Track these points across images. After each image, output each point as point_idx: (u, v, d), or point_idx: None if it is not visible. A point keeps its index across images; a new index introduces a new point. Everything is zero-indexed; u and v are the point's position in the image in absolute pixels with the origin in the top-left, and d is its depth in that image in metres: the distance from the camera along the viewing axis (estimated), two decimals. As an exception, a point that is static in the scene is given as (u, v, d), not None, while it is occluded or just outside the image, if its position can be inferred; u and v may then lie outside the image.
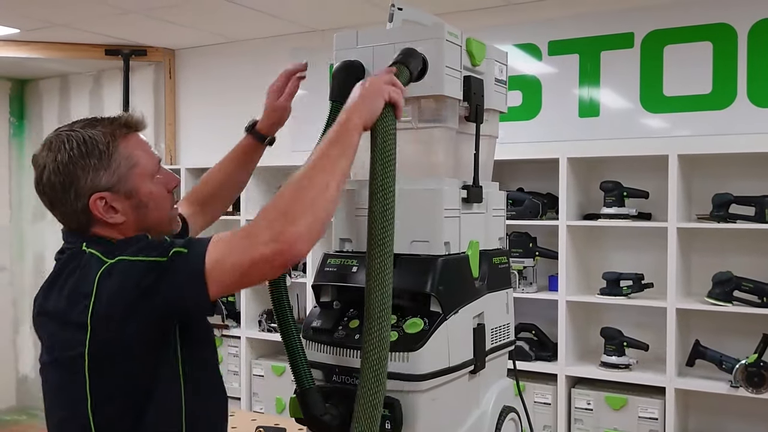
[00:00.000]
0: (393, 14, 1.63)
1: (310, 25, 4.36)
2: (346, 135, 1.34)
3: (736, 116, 3.46)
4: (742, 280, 3.26)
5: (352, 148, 1.35)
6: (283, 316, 1.58)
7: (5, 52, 4.88)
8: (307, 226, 1.26)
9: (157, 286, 1.28)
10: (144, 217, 1.45)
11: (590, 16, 3.76)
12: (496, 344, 1.68)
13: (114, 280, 1.31)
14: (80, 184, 1.39)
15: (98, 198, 1.40)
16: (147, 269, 1.30)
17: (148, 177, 1.45)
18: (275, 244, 1.24)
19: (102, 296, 1.30)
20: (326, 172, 1.30)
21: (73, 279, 1.36)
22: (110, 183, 1.40)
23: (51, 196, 1.42)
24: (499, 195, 1.79)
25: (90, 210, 1.40)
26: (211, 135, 4.86)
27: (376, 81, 1.39)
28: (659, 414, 3.37)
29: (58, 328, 1.37)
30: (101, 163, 1.40)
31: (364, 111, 1.35)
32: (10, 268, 5.95)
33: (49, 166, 1.40)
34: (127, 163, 1.42)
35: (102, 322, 1.30)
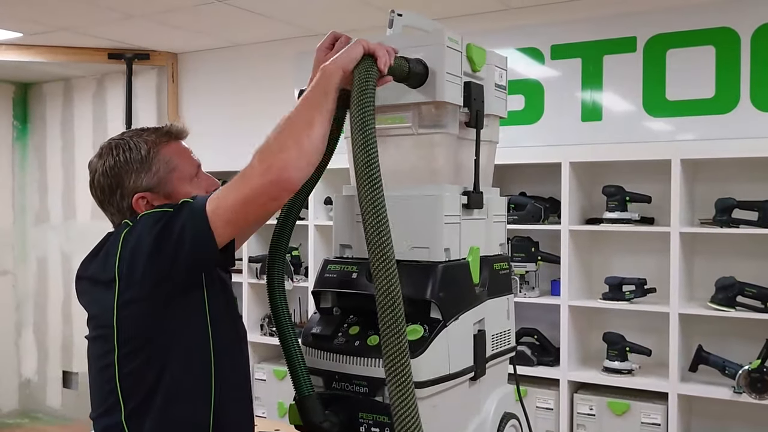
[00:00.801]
0: (393, 20, 1.63)
1: (313, 29, 4.36)
2: (324, 78, 1.41)
3: (739, 120, 3.45)
4: (745, 285, 3.25)
5: (333, 89, 1.40)
6: (282, 323, 1.58)
7: (9, 56, 4.90)
8: (295, 154, 1.36)
9: (168, 228, 1.42)
10: None
11: (593, 20, 3.76)
12: (497, 350, 1.67)
13: (134, 233, 1.46)
14: (125, 185, 1.56)
15: (140, 197, 1.55)
16: (160, 216, 1.45)
17: (186, 180, 1.60)
18: (267, 174, 1.36)
19: (126, 249, 1.45)
20: (310, 109, 1.40)
21: (108, 245, 1.52)
22: (151, 184, 1.56)
23: (101, 196, 1.59)
24: (499, 201, 1.79)
25: (133, 208, 1.55)
26: (213, 139, 4.86)
27: (357, 40, 1.44)
28: (662, 420, 3.36)
29: (93, 288, 1.53)
30: (143, 167, 1.56)
31: (341, 57, 1.40)
32: (13, 272, 5.96)
33: (99, 170, 1.58)
34: (167, 167, 1.58)
35: (127, 273, 1.44)
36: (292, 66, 4.57)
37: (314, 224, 4.17)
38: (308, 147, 1.38)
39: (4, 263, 5.90)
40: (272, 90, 4.64)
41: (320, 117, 1.40)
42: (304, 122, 1.39)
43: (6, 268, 5.92)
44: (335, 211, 1.67)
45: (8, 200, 5.92)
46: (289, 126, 1.40)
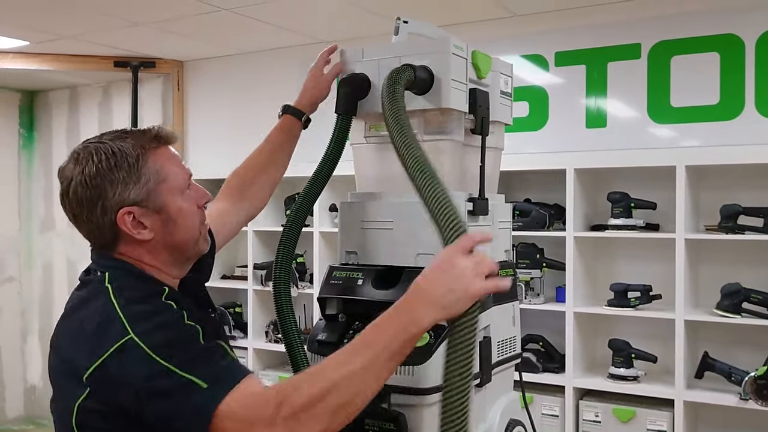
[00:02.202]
0: (398, 27, 1.64)
1: (318, 36, 4.38)
2: (407, 343, 1.17)
3: (744, 127, 3.44)
4: (751, 291, 3.25)
5: (405, 351, 1.18)
6: (288, 330, 1.58)
7: (15, 64, 4.92)
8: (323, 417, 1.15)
9: (161, 398, 1.17)
10: (172, 233, 1.37)
11: (597, 27, 3.76)
12: (503, 357, 1.67)
13: (122, 363, 1.20)
14: (108, 197, 1.32)
15: (126, 213, 1.33)
16: (160, 374, 1.17)
17: (178, 192, 1.38)
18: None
19: (106, 369, 1.21)
20: (364, 383, 1.17)
21: (89, 325, 1.27)
22: (139, 197, 1.33)
23: (77, 210, 1.35)
24: (505, 207, 1.79)
25: (117, 225, 1.33)
26: (219, 146, 4.88)
27: (460, 266, 1.17)
28: (668, 426, 3.35)
29: (61, 369, 1.32)
30: (130, 176, 1.33)
31: (438, 311, 1.16)
32: (19, 278, 5.97)
33: (76, 178, 1.33)
34: (157, 177, 1.35)
35: (98, 389, 1.22)
36: (297, 73, 4.57)
37: (319, 231, 4.17)
38: (340, 423, 1.17)
39: (9, 270, 5.92)
40: (277, 97, 4.57)
41: (375, 390, 1.18)
42: (352, 396, 1.16)
43: (12, 275, 5.93)
44: (340, 217, 1.67)
45: (14, 207, 5.94)
46: (334, 394, 1.14)
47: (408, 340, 1.16)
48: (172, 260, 1.40)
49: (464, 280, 1.16)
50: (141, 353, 1.18)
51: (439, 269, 1.18)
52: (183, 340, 1.22)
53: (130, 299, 1.27)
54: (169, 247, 1.38)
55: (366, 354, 1.15)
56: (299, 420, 1.13)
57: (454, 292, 1.16)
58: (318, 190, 1.64)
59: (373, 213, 1.60)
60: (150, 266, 1.38)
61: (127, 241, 1.36)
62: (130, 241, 1.36)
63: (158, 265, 1.38)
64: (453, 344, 1.16)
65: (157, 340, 1.20)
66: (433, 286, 1.17)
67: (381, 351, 1.15)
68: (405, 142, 1.31)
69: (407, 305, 1.18)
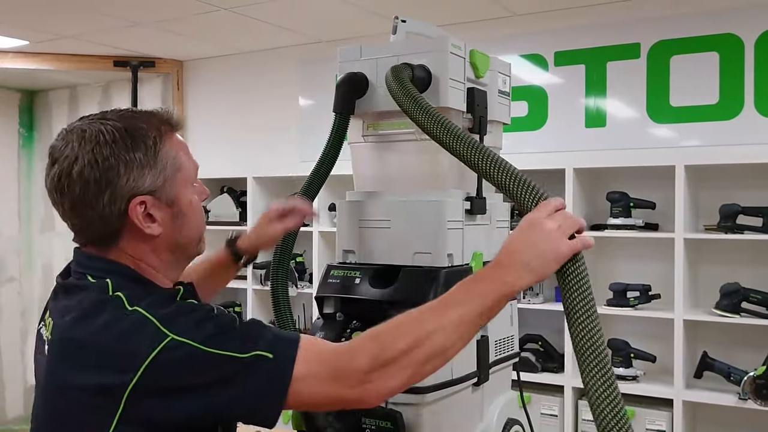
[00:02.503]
0: (396, 26, 1.64)
1: (317, 36, 4.38)
2: (499, 302, 1.16)
3: (743, 126, 3.44)
4: (750, 291, 3.25)
5: (495, 311, 1.17)
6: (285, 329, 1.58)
7: (15, 64, 4.92)
8: (403, 383, 1.13)
9: (229, 385, 1.08)
10: (180, 230, 1.24)
11: (596, 27, 3.76)
12: (500, 356, 1.67)
13: (167, 366, 1.07)
14: (120, 183, 1.16)
15: (139, 202, 1.18)
16: (220, 363, 1.08)
17: (189, 184, 1.25)
18: (362, 391, 1.11)
19: (152, 375, 1.07)
20: (457, 335, 1.14)
21: (110, 339, 1.10)
22: (154, 186, 1.19)
23: (80, 195, 1.16)
24: (502, 206, 1.79)
25: (127, 216, 1.18)
26: (219, 146, 4.88)
27: (546, 228, 1.15)
28: (667, 426, 3.35)
29: (78, 396, 1.12)
30: (147, 159, 1.18)
31: (529, 273, 1.14)
32: (19, 279, 5.97)
33: (83, 158, 1.15)
34: (174, 164, 1.21)
35: (143, 400, 1.08)
36: (297, 73, 4.58)
37: (318, 231, 4.17)
38: (424, 374, 1.15)
39: (9, 270, 5.92)
40: (277, 97, 4.66)
41: (462, 344, 1.17)
42: (441, 349, 1.13)
43: (12, 275, 5.94)
44: (339, 216, 1.67)
45: (14, 208, 5.94)
46: (421, 347, 1.12)
47: (500, 300, 1.15)
48: (174, 261, 1.27)
49: (552, 242, 1.14)
50: (190, 350, 1.07)
51: (527, 233, 1.16)
52: (224, 327, 1.12)
53: (151, 302, 1.13)
54: (173, 246, 1.25)
55: (459, 309, 1.14)
56: (391, 368, 1.10)
57: (544, 254, 1.14)
58: (316, 189, 1.64)
59: (371, 212, 1.61)
60: (150, 267, 1.24)
61: (132, 236, 1.21)
62: (135, 236, 1.21)
63: (159, 265, 1.24)
64: (569, 293, 1.14)
65: (201, 333, 1.09)
66: (522, 250, 1.15)
67: (475, 307, 1.14)
68: (443, 126, 1.27)
69: (499, 268, 1.16)
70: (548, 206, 1.17)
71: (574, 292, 1.13)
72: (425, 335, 1.12)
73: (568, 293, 1.13)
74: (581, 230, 1.18)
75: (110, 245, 1.22)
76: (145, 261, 1.23)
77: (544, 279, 1.16)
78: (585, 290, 1.13)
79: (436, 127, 1.28)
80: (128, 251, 1.22)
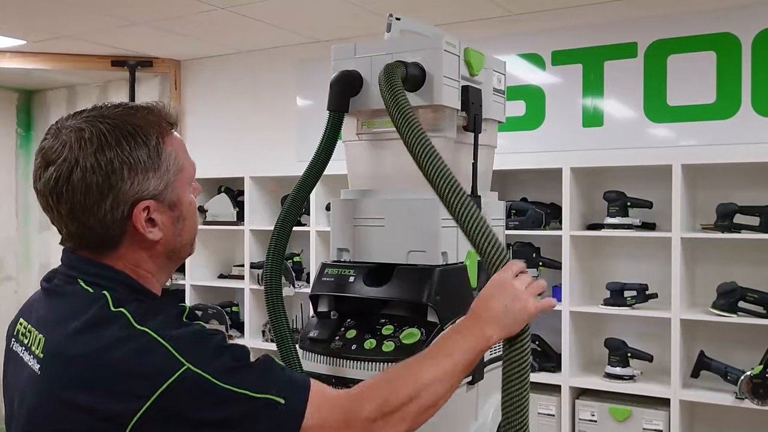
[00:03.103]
0: (391, 24, 1.64)
1: (315, 36, 4.38)
2: (477, 356, 1.25)
3: (741, 126, 3.44)
4: (747, 290, 3.24)
5: (475, 362, 1.26)
6: (279, 328, 1.58)
7: (13, 63, 4.92)
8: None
9: (239, 425, 1.05)
10: (180, 234, 1.19)
11: (594, 26, 3.76)
12: (495, 355, 1.67)
13: (182, 398, 1.03)
14: (124, 188, 1.10)
15: (143, 207, 1.12)
16: (234, 401, 1.05)
17: (188, 185, 1.20)
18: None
19: (164, 404, 1.02)
20: (449, 386, 1.21)
21: (117, 361, 1.03)
22: (157, 189, 1.13)
23: (80, 201, 1.10)
24: (498, 205, 1.79)
25: (130, 222, 1.12)
26: (216, 145, 4.88)
27: (516, 288, 1.26)
28: (664, 426, 3.35)
29: (75, 418, 1.05)
30: (151, 162, 1.12)
31: (501, 329, 1.25)
32: (17, 278, 5.97)
33: (84, 161, 1.08)
34: (176, 166, 1.16)
35: (149, 427, 1.02)
36: (295, 73, 4.58)
37: (316, 230, 4.17)
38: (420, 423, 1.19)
39: (7, 269, 5.91)
40: (275, 97, 4.66)
41: (451, 393, 1.22)
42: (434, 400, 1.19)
43: (9, 274, 5.93)
44: (333, 214, 1.67)
45: (12, 207, 5.93)
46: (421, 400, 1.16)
47: (479, 353, 1.24)
48: (168, 265, 1.22)
49: (522, 302, 1.25)
50: (205, 384, 1.03)
51: (500, 292, 1.26)
52: (240, 361, 1.09)
53: (162, 323, 1.08)
54: (170, 251, 1.19)
55: (448, 361, 1.20)
56: (393, 418, 1.13)
57: (516, 312, 1.25)
58: (310, 186, 1.64)
59: (365, 210, 1.60)
60: (147, 273, 1.18)
61: (131, 242, 1.15)
62: (134, 241, 1.15)
63: (155, 271, 1.19)
64: (511, 360, 1.27)
65: (216, 366, 1.05)
66: (498, 307, 1.24)
67: (460, 358, 1.21)
68: (427, 155, 1.31)
69: (480, 321, 1.24)
70: (514, 268, 1.28)
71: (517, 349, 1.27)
72: (423, 386, 1.17)
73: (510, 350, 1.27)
74: (543, 292, 1.31)
75: (107, 251, 1.15)
76: (142, 267, 1.17)
77: (511, 336, 1.27)
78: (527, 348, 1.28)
79: (420, 152, 1.31)
80: (126, 257, 1.16)
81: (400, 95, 1.37)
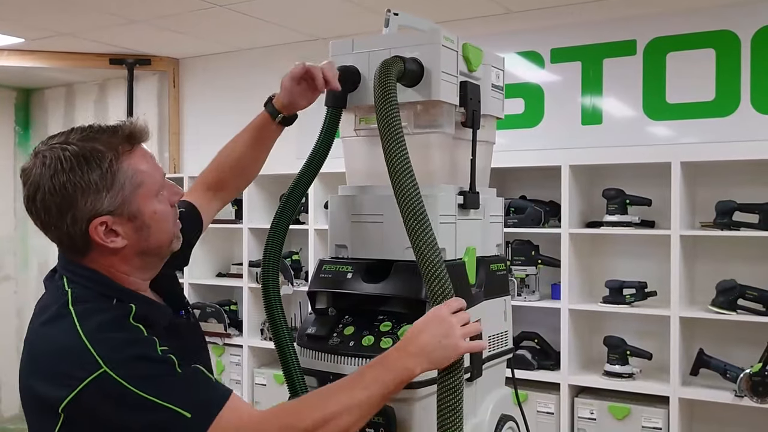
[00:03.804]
0: (389, 19, 1.63)
1: (313, 33, 4.37)
2: (398, 387, 1.27)
3: (740, 123, 3.44)
4: (747, 288, 3.24)
5: (394, 393, 1.28)
6: (277, 326, 1.57)
7: (11, 62, 4.91)
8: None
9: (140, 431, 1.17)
10: (146, 239, 1.31)
11: (592, 24, 3.75)
12: (494, 352, 1.66)
13: (98, 397, 1.16)
14: (79, 207, 1.24)
15: (99, 223, 1.25)
16: (143, 407, 1.15)
17: (153, 196, 1.31)
18: None
19: (80, 402, 1.16)
20: (360, 416, 1.25)
21: (56, 354, 1.21)
22: (113, 206, 1.25)
23: (44, 218, 1.27)
24: (496, 201, 1.78)
25: (90, 236, 1.26)
26: (215, 144, 4.82)
27: (451, 325, 1.29)
28: (663, 424, 3.34)
29: (30, 398, 1.27)
30: (103, 183, 1.24)
31: (427, 363, 1.28)
32: (15, 277, 5.96)
33: (43, 186, 1.24)
34: (132, 183, 1.27)
35: (75, 419, 1.18)
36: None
37: (314, 228, 4.16)
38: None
39: (5, 269, 5.91)
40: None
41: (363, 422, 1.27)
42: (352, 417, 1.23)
43: (8, 274, 5.92)
44: (331, 211, 1.66)
45: (10, 206, 5.92)
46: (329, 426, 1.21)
47: (399, 385, 1.27)
48: (145, 264, 1.35)
49: (454, 339, 1.28)
50: (117, 386, 1.15)
51: (436, 327, 1.29)
52: (159, 371, 1.18)
53: (99, 327, 1.20)
54: (142, 252, 1.32)
55: (363, 393, 1.24)
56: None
57: (443, 348, 1.27)
58: (307, 183, 1.63)
59: (363, 206, 1.60)
60: (121, 273, 1.32)
61: (99, 250, 1.29)
62: (102, 249, 1.29)
63: (130, 270, 1.33)
64: (443, 389, 1.29)
65: (132, 372, 1.16)
66: (429, 341, 1.27)
67: (376, 390, 1.25)
68: (401, 172, 1.35)
69: (404, 354, 1.28)
70: (454, 304, 1.31)
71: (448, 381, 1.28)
72: (331, 416, 1.21)
73: (443, 382, 1.29)
74: (478, 335, 1.35)
75: (81, 256, 1.30)
76: (115, 268, 1.31)
77: (439, 368, 1.29)
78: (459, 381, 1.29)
79: (396, 167, 1.36)
80: (99, 261, 1.30)
81: (390, 102, 1.38)
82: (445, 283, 1.31)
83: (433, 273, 1.30)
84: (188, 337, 1.42)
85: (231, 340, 4.49)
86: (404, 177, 1.34)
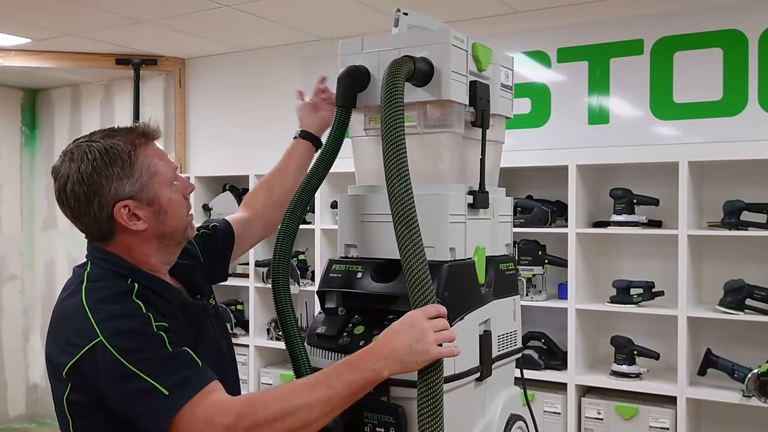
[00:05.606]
0: (398, 19, 1.63)
1: (319, 33, 4.37)
2: (365, 387, 1.32)
3: (747, 123, 3.43)
4: (754, 288, 3.23)
5: (361, 393, 1.33)
6: (287, 326, 1.57)
7: (17, 62, 4.92)
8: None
9: (125, 400, 1.30)
10: (163, 223, 1.48)
11: (599, 23, 3.75)
12: (503, 351, 1.66)
13: (93, 364, 1.31)
14: (104, 193, 1.42)
15: (122, 206, 1.43)
16: (125, 377, 1.29)
17: (167, 184, 1.48)
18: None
19: (79, 368, 1.33)
20: (322, 413, 1.30)
21: (65, 324, 1.39)
22: (133, 191, 1.43)
23: (74, 206, 1.44)
24: (505, 201, 1.78)
25: (114, 218, 1.43)
26: (220, 144, 4.88)
27: (424, 330, 1.32)
28: (670, 424, 3.34)
29: (47, 365, 1.43)
30: (124, 171, 1.43)
31: (397, 366, 1.32)
32: (21, 277, 5.98)
33: (72, 176, 1.42)
34: (149, 171, 1.45)
35: (77, 380, 1.35)
36: (300, 71, 4.57)
37: (321, 228, 4.16)
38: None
39: (12, 268, 5.92)
40: (279, 95, 4.64)
41: (328, 418, 1.32)
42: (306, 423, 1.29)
43: (14, 273, 5.94)
44: (340, 211, 1.66)
45: (16, 206, 5.94)
46: (291, 417, 1.27)
47: (366, 386, 1.32)
48: (163, 247, 1.50)
49: (426, 345, 1.31)
50: (110, 356, 1.29)
51: (408, 330, 1.32)
52: (149, 346, 1.31)
53: (100, 299, 1.36)
54: (160, 236, 1.48)
55: (326, 392, 1.29)
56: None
57: (413, 352, 1.31)
58: (317, 182, 1.63)
59: (372, 206, 1.60)
60: (141, 254, 1.48)
61: (123, 232, 1.46)
62: (125, 232, 1.45)
63: (150, 252, 1.49)
64: (421, 391, 1.32)
65: (124, 344, 1.30)
66: (400, 345, 1.31)
67: (341, 390, 1.30)
68: (396, 172, 1.38)
69: (373, 355, 1.32)
70: (432, 310, 1.34)
71: (425, 386, 1.32)
72: (292, 410, 1.27)
73: (422, 385, 1.32)
74: (451, 342, 1.36)
75: (108, 240, 1.47)
76: (136, 250, 1.48)
77: (408, 372, 1.33)
78: (438, 387, 1.32)
79: (393, 171, 1.39)
80: (121, 244, 1.47)
81: (395, 106, 1.41)
82: (426, 290, 1.34)
83: (416, 279, 1.34)
84: (198, 318, 1.52)
85: (237, 340, 4.49)
86: (398, 181, 1.37)
